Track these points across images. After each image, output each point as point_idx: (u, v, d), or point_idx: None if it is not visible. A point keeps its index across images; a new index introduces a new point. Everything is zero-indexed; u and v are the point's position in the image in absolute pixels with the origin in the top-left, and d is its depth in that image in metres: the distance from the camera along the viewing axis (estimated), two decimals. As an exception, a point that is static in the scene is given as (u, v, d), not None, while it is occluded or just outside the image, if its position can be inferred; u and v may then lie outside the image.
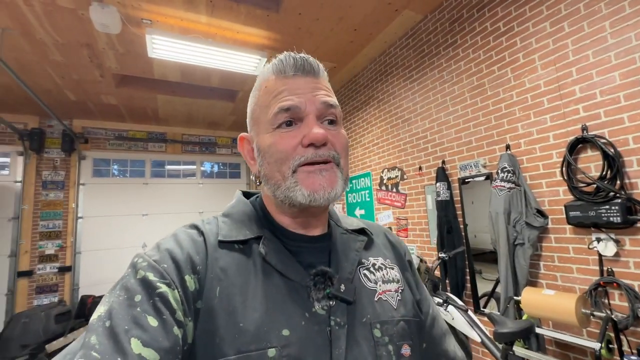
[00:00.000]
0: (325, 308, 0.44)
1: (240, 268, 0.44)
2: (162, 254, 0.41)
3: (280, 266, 0.45)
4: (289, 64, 0.48)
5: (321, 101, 0.47)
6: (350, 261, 0.50)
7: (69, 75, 3.42)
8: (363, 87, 3.68)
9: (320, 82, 0.49)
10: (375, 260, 0.54)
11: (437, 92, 2.65)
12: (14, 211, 4.37)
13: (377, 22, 2.81)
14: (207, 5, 2.48)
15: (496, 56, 2.16)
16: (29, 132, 4.42)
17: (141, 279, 0.38)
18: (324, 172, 0.45)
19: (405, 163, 3.05)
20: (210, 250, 0.44)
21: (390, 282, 0.53)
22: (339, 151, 0.47)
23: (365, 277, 0.51)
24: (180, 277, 0.40)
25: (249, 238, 0.47)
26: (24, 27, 2.58)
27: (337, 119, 0.49)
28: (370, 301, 0.48)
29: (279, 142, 0.45)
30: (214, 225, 0.48)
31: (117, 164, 5.14)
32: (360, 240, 0.55)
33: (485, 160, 2.25)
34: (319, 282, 0.44)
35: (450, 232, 2.44)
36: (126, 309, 0.35)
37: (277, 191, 0.46)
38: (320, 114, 0.47)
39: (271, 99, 0.47)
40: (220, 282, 0.42)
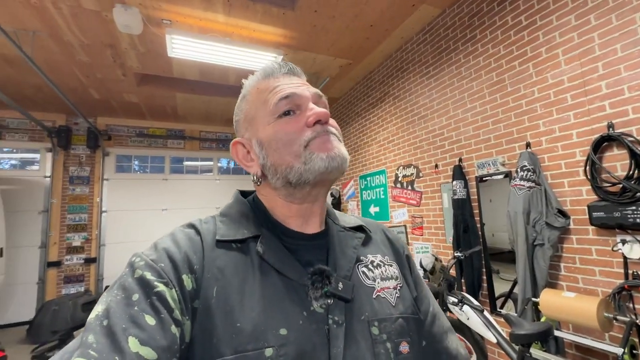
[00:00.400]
0: (324, 306, 0.44)
1: (237, 267, 0.44)
2: (160, 253, 0.41)
3: (278, 264, 0.45)
4: (275, 67, 0.52)
5: (313, 91, 0.51)
6: (348, 259, 0.50)
7: (93, 75, 3.56)
8: (378, 83, 3.65)
9: (305, 82, 0.53)
10: (373, 257, 0.54)
11: (455, 88, 2.60)
12: (44, 204, 4.61)
13: (394, 17, 2.78)
14: (225, 5, 2.52)
15: (517, 51, 2.10)
16: (56, 130, 4.64)
17: (138, 278, 0.38)
18: (334, 140, 0.48)
19: (421, 160, 3.01)
20: (207, 249, 0.44)
21: (389, 279, 0.52)
22: (336, 130, 0.50)
23: (363, 275, 0.51)
24: (177, 276, 0.40)
25: (246, 237, 0.47)
26: (52, 29, 2.70)
27: (327, 109, 0.52)
28: (368, 299, 0.48)
29: (284, 126, 0.47)
30: (211, 224, 0.48)
31: (138, 160, 5.32)
32: (357, 238, 0.55)
33: (504, 158, 2.20)
34: (316, 281, 0.44)
35: (466, 231, 2.41)
36: (124, 307, 0.35)
37: (290, 174, 0.46)
38: (315, 102, 0.50)
39: (267, 94, 0.49)
40: (217, 281, 0.42)
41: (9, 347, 3.42)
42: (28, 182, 4.58)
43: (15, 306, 4.29)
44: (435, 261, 2.59)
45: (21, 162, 4.71)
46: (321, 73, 3.76)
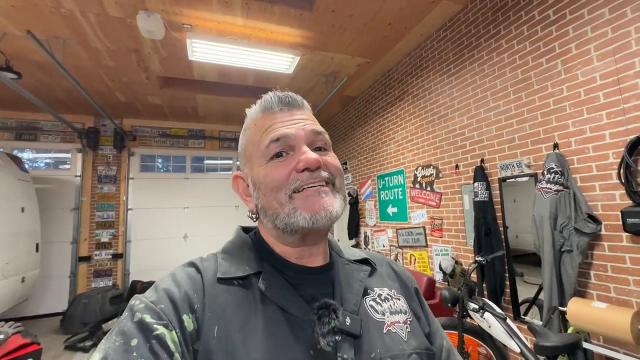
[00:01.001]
0: (332, 344, 0.41)
1: (239, 305, 0.42)
2: (160, 294, 0.40)
3: (281, 301, 0.43)
4: (274, 100, 0.50)
5: (310, 129, 0.48)
6: (355, 292, 0.48)
7: (119, 79, 3.70)
8: (397, 82, 3.59)
9: (305, 114, 0.51)
10: (380, 290, 0.52)
11: (477, 86, 2.51)
12: (75, 202, 4.86)
13: (413, 14, 2.71)
14: (243, 8, 2.54)
15: (544, 47, 2.00)
16: (86, 131, 4.87)
17: (138, 321, 0.37)
18: (323, 194, 0.45)
19: (440, 161, 2.94)
20: (207, 288, 0.43)
21: (398, 313, 0.50)
22: (333, 172, 0.48)
23: (371, 309, 0.48)
24: (177, 317, 0.39)
25: (248, 274, 0.45)
26: (81, 36, 2.83)
27: (326, 146, 0.50)
28: (379, 334, 0.45)
29: (272, 171, 0.46)
30: (212, 262, 0.47)
31: (161, 159, 5.50)
32: (363, 270, 0.53)
33: (529, 159, 2.10)
34: (323, 316, 0.42)
35: (488, 235, 2.33)
36: (122, 355, 0.34)
37: (277, 220, 0.45)
38: (310, 141, 0.48)
39: (261, 134, 0.48)
40: (218, 320, 0.40)
41: (44, 336, 3.64)
42: (60, 181, 4.84)
43: (50, 298, 4.57)
44: (455, 264, 2.53)
45: (54, 161, 4.98)
46: (339, 72, 3.73)
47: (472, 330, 2.00)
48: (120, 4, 2.43)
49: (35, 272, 3.85)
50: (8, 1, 2.35)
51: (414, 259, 3.30)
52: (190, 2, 2.45)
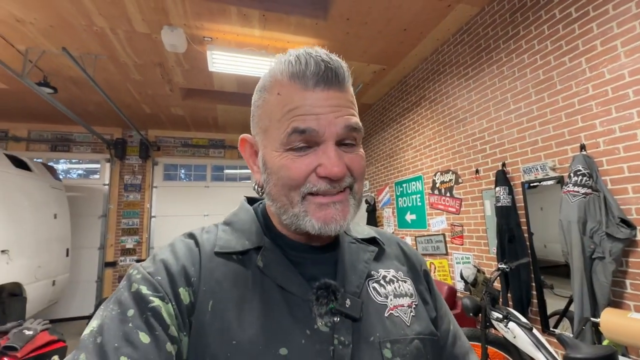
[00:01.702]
0: (329, 325, 0.40)
1: (237, 280, 0.41)
2: (157, 265, 0.40)
3: (280, 279, 0.42)
4: (309, 69, 0.39)
5: (344, 125, 0.40)
6: (359, 273, 0.46)
7: (145, 91, 3.90)
8: (414, 87, 3.56)
9: (345, 96, 0.42)
10: (386, 272, 0.49)
11: (496, 89, 2.45)
12: (103, 210, 5.10)
13: (428, 20, 2.71)
14: (260, 19, 2.63)
15: (567, 46, 1.93)
16: (114, 142, 5.13)
17: (134, 292, 0.37)
18: (337, 205, 0.41)
19: (460, 166, 2.87)
20: (204, 261, 0.42)
21: (403, 297, 0.47)
22: (355, 176, 0.43)
23: (374, 291, 0.46)
24: (174, 290, 0.38)
25: (247, 249, 0.44)
26: (111, 52, 3.02)
27: (357, 142, 0.44)
28: (380, 318, 0.43)
29: (290, 166, 0.40)
30: (212, 234, 0.46)
31: (184, 168, 5.69)
32: (370, 251, 0.50)
33: (554, 162, 2.01)
34: (322, 296, 0.40)
35: (512, 241, 2.23)
36: (118, 324, 0.34)
37: (283, 215, 0.42)
38: (341, 138, 0.41)
39: (285, 112, 0.40)
40: (213, 295, 0.39)
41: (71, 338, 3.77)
42: (90, 189, 5.10)
43: (78, 302, 4.76)
44: (477, 273, 2.43)
45: (86, 171, 5.27)
46: (354, 80, 3.75)
47: (497, 342, 1.90)
48: (147, 20, 2.58)
49: (65, 276, 4.04)
50: (47, 22, 2.55)
51: (434, 267, 3.20)
52: (210, 15, 2.57)
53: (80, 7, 2.40)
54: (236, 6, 2.46)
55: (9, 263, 2.97)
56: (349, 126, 0.41)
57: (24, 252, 3.21)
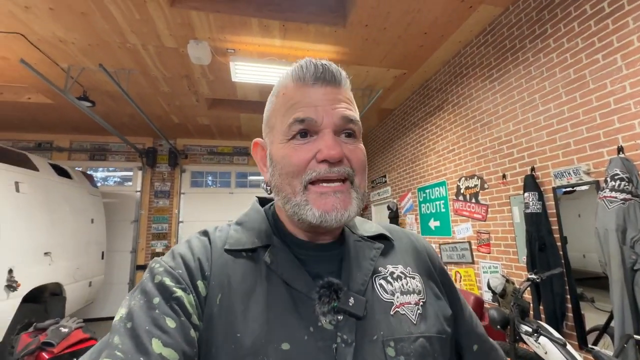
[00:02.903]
0: (333, 323, 0.40)
1: (245, 276, 0.43)
2: (177, 260, 0.42)
3: (286, 275, 0.43)
4: (309, 71, 0.44)
5: (340, 115, 0.43)
6: (364, 271, 0.46)
7: (173, 103, 4.10)
8: (436, 91, 3.49)
9: (341, 93, 0.45)
10: (394, 268, 0.49)
11: (523, 90, 2.35)
12: (135, 215, 5.37)
13: (449, 22, 2.65)
14: (280, 29, 2.70)
15: (599, 42, 1.82)
16: (145, 151, 5.43)
17: (158, 283, 0.39)
18: (338, 194, 0.42)
19: (485, 171, 2.76)
20: (215, 257, 0.44)
21: (410, 294, 0.46)
22: (355, 167, 0.44)
23: (380, 288, 0.46)
24: (193, 282, 0.41)
25: (256, 246, 0.45)
26: (142, 67, 3.21)
27: (356, 133, 0.46)
28: (385, 315, 0.43)
29: (291, 154, 0.43)
30: (224, 232, 0.48)
31: (211, 175, 5.89)
32: (376, 248, 0.50)
33: (588, 166, 1.89)
34: (324, 295, 0.41)
35: (543, 250, 2.10)
36: (146, 311, 0.36)
37: (286, 205, 0.44)
38: (338, 128, 0.44)
39: (288, 107, 0.44)
40: (222, 289, 0.41)
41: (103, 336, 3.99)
42: (123, 195, 5.41)
43: (111, 303, 5.02)
44: (506, 283, 2.30)
45: (121, 179, 5.60)
46: (375, 85, 3.74)
47: (527, 357, 1.78)
48: (174, 35, 2.72)
49: (100, 277, 4.29)
50: (86, 41, 2.76)
51: (460, 276, 3.07)
52: (233, 28, 2.67)
53: (115, 26, 2.59)
54: (257, 18, 2.54)
55: (51, 264, 3.20)
56: (345, 117, 0.44)
57: (65, 255, 3.45)
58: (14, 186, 2.85)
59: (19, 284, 2.71)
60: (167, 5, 2.35)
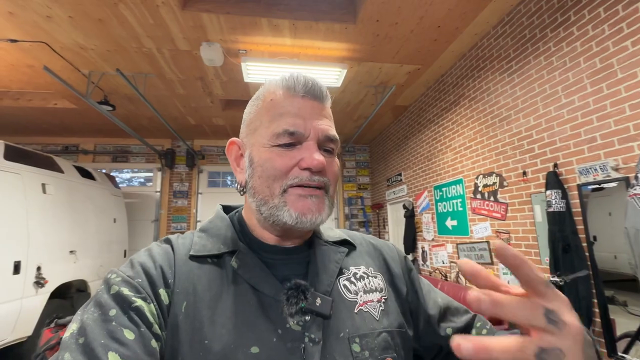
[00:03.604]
0: (301, 324, 0.42)
1: (211, 282, 0.43)
2: (136, 269, 0.41)
3: (253, 280, 0.44)
4: (299, 83, 0.47)
5: (325, 134, 0.46)
6: (330, 273, 0.48)
7: (188, 104, 4.19)
8: (451, 86, 3.38)
9: (325, 109, 0.49)
10: (356, 269, 0.51)
11: (544, 82, 2.23)
12: (155, 215, 5.54)
13: (464, 14, 2.55)
14: (290, 29, 2.69)
15: (628, 28, 1.69)
16: (164, 152, 5.58)
17: (115, 294, 0.37)
18: (314, 198, 0.45)
19: (504, 168, 2.64)
20: (179, 264, 0.44)
21: (373, 292, 0.49)
22: (330, 178, 0.47)
23: (344, 289, 0.48)
24: (155, 291, 0.40)
25: (222, 252, 0.46)
26: (158, 70, 3.29)
27: (334, 151, 0.49)
28: (349, 314, 0.45)
29: (276, 158, 0.45)
30: (188, 240, 0.48)
31: (229, 175, 5.98)
32: (340, 252, 0.52)
33: (617, 161, 1.76)
34: (292, 296, 0.42)
35: (567, 251, 1.99)
36: (101, 324, 0.34)
37: (263, 207, 0.45)
38: (321, 143, 0.47)
39: (277, 115, 0.46)
40: (187, 296, 0.41)
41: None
42: (144, 196, 5.59)
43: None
44: (526, 285, 2.20)
45: (142, 180, 5.79)
46: (388, 82, 3.67)
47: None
48: (187, 38, 2.77)
49: (122, 275, 4.45)
50: (105, 47, 2.86)
51: (478, 277, 2.96)
52: (244, 29, 2.69)
53: (131, 32, 2.66)
54: (267, 18, 2.55)
55: (76, 262, 3.35)
56: (328, 136, 0.47)
57: (89, 253, 3.60)
58: (41, 188, 3.00)
59: (46, 281, 2.85)
60: (178, 9, 2.40)
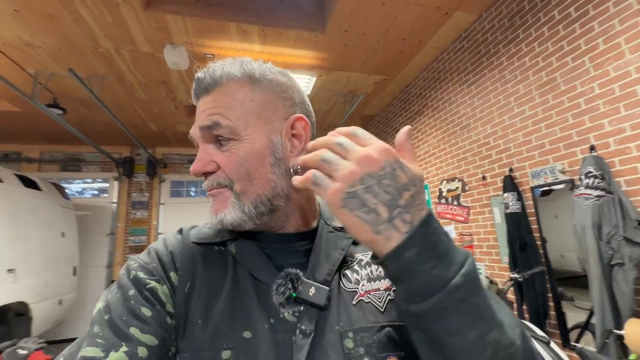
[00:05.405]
0: (297, 314, 0.40)
1: (212, 266, 0.44)
2: (152, 255, 0.45)
3: (250, 266, 0.44)
4: (196, 84, 0.46)
5: (199, 127, 0.43)
6: (332, 261, 0.44)
7: (150, 110, 3.98)
8: (415, 96, 3.55)
9: (215, 97, 0.43)
10: (363, 255, 0.47)
11: (499, 93, 2.41)
12: (111, 228, 5.13)
13: (426, 28, 2.71)
14: (260, 35, 2.68)
15: (568, 46, 1.89)
16: (122, 160, 5.23)
17: (133, 277, 0.41)
18: (212, 198, 0.45)
19: (466, 173, 2.80)
20: (185, 249, 0.46)
21: (380, 279, 0.44)
22: (229, 174, 0.42)
23: (344, 278, 0.44)
24: (166, 274, 0.43)
25: (225, 240, 0.47)
26: (117, 72, 3.10)
27: (229, 136, 0.42)
28: (346, 305, 0.42)
29: None
30: (198, 230, 0.50)
31: (194, 186, 5.72)
32: (348, 238, 0.48)
33: (563, 165, 1.94)
34: (280, 285, 0.40)
35: (524, 249, 2.13)
36: (122, 303, 0.38)
37: None
38: (208, 138, 0.43)
39: None
40: (191, 278, 0.43)
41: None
42: (98, 207, 5.17)
43: (85, 322, 4.73)
44: (489, 284, 2.32)
45: (96, 190, 5.35)
46: (356, 91, 3.77)
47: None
48: (150, 40, 2.65)
49: (72, 295, 4.03)
50: (55, 45, 2.65)
51: (445, 279, 3.07)
52: (211, 33, 2.63)
53: (87, 30, 2.49)
54: (235, 22, 2.51)
55: (15, 282, 2.98)
56: (203, 127, 0.43)
57: (31, 271, 3.22)
58: (-26, 199, 2.66)
59: (-23, 305, 2.50)
60: (140, 8, 2.29)
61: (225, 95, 0.43)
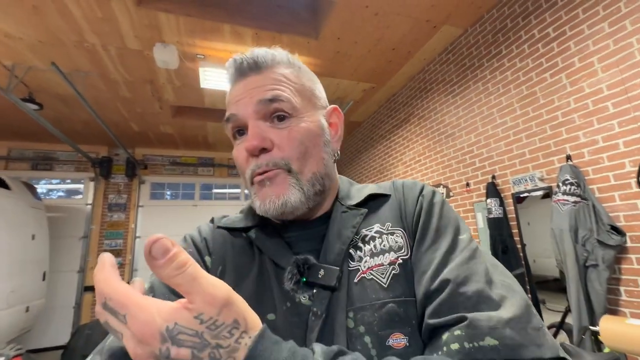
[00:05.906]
0: (312, 298, 0.40)
1: (239, 251, 0.47)
2: (188, 241, 0.48)
3: (271, 252, 0.45)
4: (231, 68, 0.45)
5: (257, 101, 0.41)
6: (343, 240, 0.43)
7: (133, 109, 3.86)
8: (402, 105, 3.66)
9: (268, 75, 0.43)
10: (367, 230, 0.44)
11: (482, 104, 2.55)
12: (84, 230, 4.88)
13: (416, 40, 2.83)
14: (253, 38, 2.69)
15: (547, 63, 2.04)
16: (99, 160, 5.00)
17: None
18: (268, 182, 0.41)
19: (450, 180, 2.91)
20: (216, 235, 0.49)
21: (385, 253, 0.42)
22: (288, 153, 0.41)
23: (349, 257, 0.43)
24: (202, 258, 0.46)
25: (249, 226, 0.48)
26: (101, 69, 3.00)
27: (288, 112, 0.42)
28: (349, 284, 0.41)
29: (236, 154, 0.45)
30: (228, 218, 0.53)
31: (170, 188, 5.55)
32: (360, 214, 0.46)
33: (542, 173, 2.07)
34: (290, 272, 0.41)
35: (505, 252, 2.24)
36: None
37: None
38: (263, 114, 0.42)
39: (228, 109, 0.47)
40: (222, 262, 0.46)
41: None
42: (72, 209, 4.90)
43: (53, 330, 4.44)
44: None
45: (68, 191, 5.07)
46: (345, 98, 3.84)
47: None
48: (139, 37, 2.59)
49: (40, 301, 3.78)
50: (36, 37, 2.53)
51: (429, 282, 3.16)
52: (203, 33, 2.61)
53: (72, 24, 2.40)
54: (230, 24, 2.51)
55: (-20, 288, 2.77)
56: (262, 100, 0.42)
57: (-3, 276, 3.00)
58: (-63, 197, 2.46)
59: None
60: (133, 5, 2.24)
61: (279, 75, 0.44)
